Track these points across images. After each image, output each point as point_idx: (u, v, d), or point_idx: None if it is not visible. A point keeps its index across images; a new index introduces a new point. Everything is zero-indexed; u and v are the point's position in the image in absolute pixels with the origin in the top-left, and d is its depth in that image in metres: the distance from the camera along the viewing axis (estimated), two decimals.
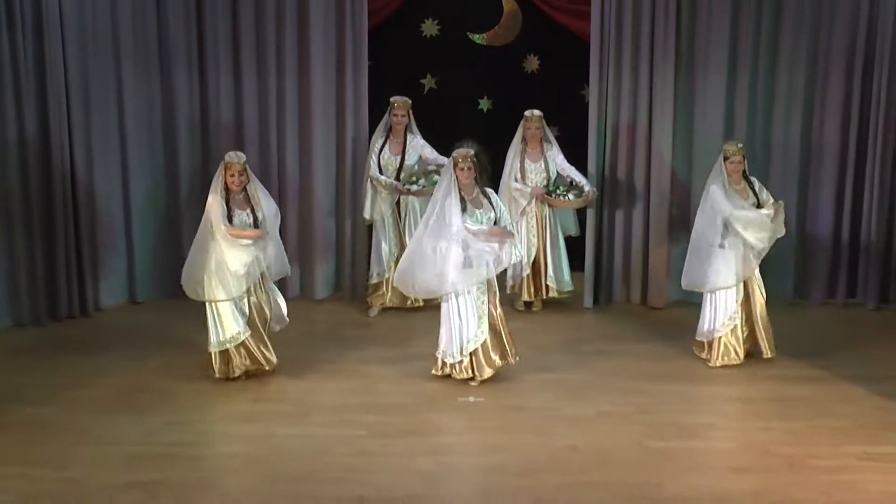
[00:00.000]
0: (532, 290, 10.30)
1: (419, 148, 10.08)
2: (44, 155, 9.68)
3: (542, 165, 10.12)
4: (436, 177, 9.83)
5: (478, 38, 11.34)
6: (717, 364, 8.87)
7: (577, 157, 10.38)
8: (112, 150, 10.23)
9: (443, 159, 9.94)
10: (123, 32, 10.08)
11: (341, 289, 10.75)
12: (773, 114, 10.41)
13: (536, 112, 10.10)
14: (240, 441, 7.66)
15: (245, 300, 8.32)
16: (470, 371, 8.41)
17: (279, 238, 8.59)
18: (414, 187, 9.95)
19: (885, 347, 9.49)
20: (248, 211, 8.23)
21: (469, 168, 8.17)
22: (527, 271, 10.16)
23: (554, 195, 10.09)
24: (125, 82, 10.18)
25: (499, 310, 8.41)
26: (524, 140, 10.17)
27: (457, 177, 8.19)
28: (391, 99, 10.04)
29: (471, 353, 8.36)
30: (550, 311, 10.42)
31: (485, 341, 8.34)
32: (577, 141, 10.53)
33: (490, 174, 10.15)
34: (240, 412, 8.05)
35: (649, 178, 10.42)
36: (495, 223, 8.27)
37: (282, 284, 10.58)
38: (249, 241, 8.16)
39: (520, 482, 7.08)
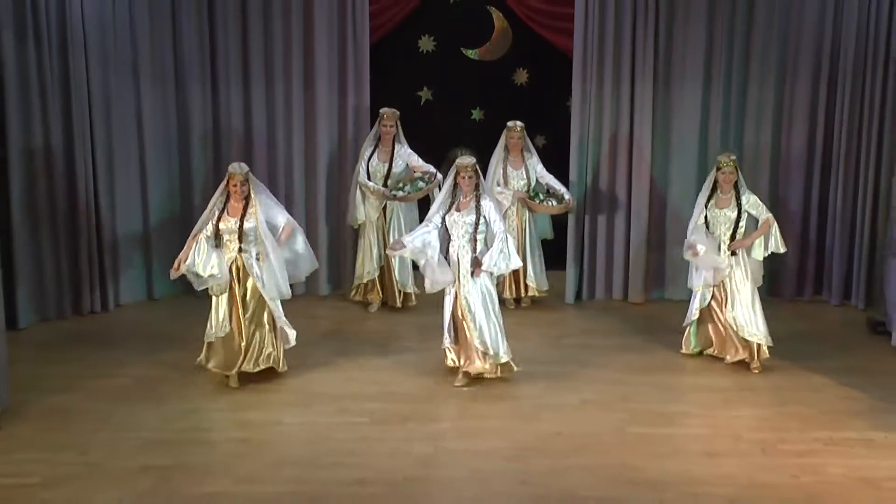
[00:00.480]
0: (514, 288, 10.27)
1: (406, 156, 10.02)
2: (68, 163, 9.70)
3: (524, 172, 10.09)
4: (421, 184, 9.88)
5: (471, 53, 11.34)
6: (682, 351, 8.96)
7: (562, 162, 10.39)
8: (131, 158, 10.23)
9: (427, 167, 9.95)
10: (142, 50, 10.08)
11: (342, 286, 10.72)
12: (745, 123, 10.40)
13: (519, 123, 10.07)
14: (249, 428, 7.66)
15: (222, 299, 8.14)
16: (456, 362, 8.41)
17: (304, 250, 8.42)
18: (400, 193, 9.89)
19: (846, 341, 9.51)
20: (237, 219, 8.05)
21: (470, 177, 8.12)
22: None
23: (536, 200, 10.06)
24: (143, 96, 10.17)
25: (467, 319, 8.23)
26: (506, 148, 10.12)
27: (457, 183, 8.16)
28: (381, 110, 9.97)
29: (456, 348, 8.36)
30: (534, 307, 10.40)
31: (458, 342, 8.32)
32: (563, 148, 10.53)
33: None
34: (248, 401, 8.05)
35: (630, 182, 10.43)
36: (475, 227, 8.12)
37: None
38: (232, 246, 8.09)
39: (509, 465, 7.09)
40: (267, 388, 8.23)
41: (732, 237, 8.58)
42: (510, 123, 10.09)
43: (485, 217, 8.14)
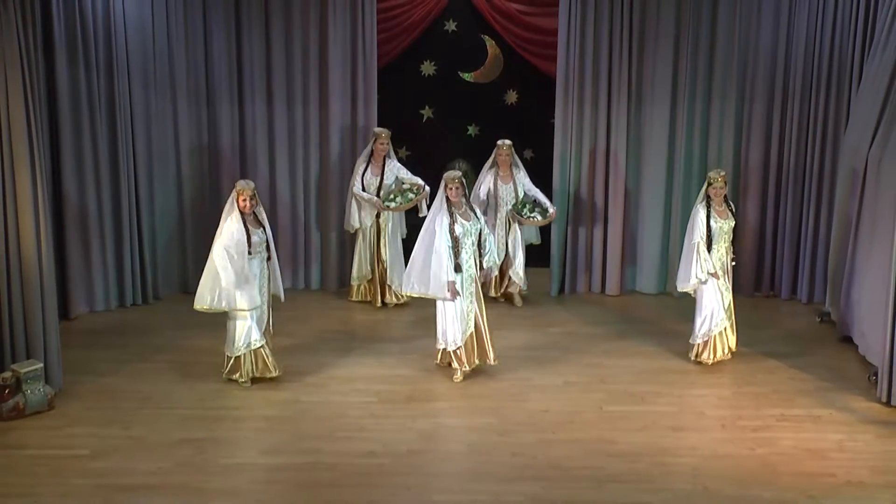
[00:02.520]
0: (499, 287, 10.11)
1: (396, 170, 9.87)
2: (113, 173, 9.69)
3: (512, 187, 9.84)
4: (410, 195, 9.73)
5: (467, 77, 11.31)
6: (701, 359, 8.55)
7: (547, 173, 10.38)
8: (169, 168, 10.21)
9: (416, 179, 9.86)
10: (178, 73, 10.04)
11: (350, 283, 10.54)
12: (709, 139, 10.37)
13: (507, 141, 9.87)
14: (272, 405, 7.68)
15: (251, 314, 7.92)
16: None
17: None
18: (392, 204, 9.76)
19: (794, 330, 9.51)
20: (262, 231, 7.91)
21: (457, 188, 8.03)
22: (495, 273, 9.83)
23: (524, 217, 9.82)
24: (179, 113, 10.14)
25: (483, 316, 8.19)
26: (496, 164, 9.91)
27: (447, 196, 8.09)
28: (375, 130, 9.91)
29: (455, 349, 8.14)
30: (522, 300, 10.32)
31: (467, 341, 8.12)
32: (548, 161, 10.52)
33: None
34: (271, 381, 8.05)
35: (607, 190, 10.41)
36: (480, 233, 8.13)
37: (305, 279, 10.63)
38: (262, 256, 7.93)
39: (501, 439, 7.12)
40: (287, 371, 8.23)
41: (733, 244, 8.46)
42: (499, 142, 9.89)
43: (481, 222, 8.18)
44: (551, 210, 9.87)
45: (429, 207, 8.73)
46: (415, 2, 10.66)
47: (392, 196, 9.81)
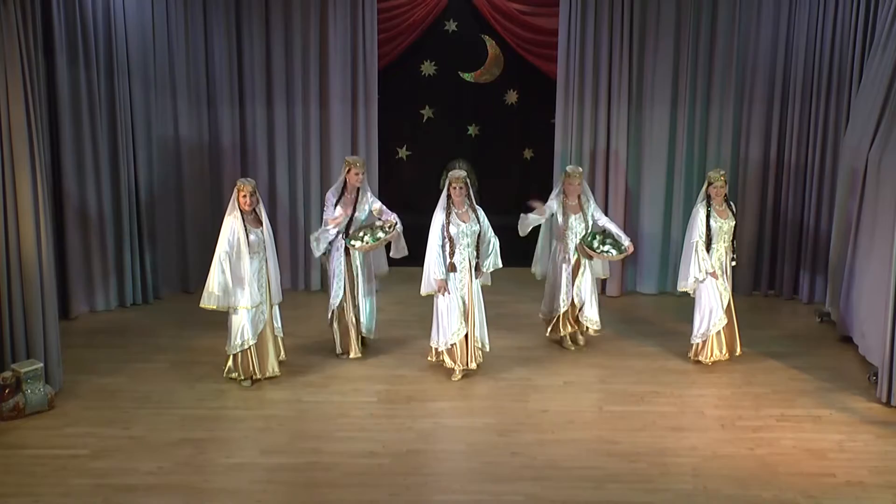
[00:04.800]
0: (569, 324, 8.89)
1: (370, 203, 8.59)
2: (114, 173, 9.69)
3: (581, 217, 8.72)
4: (380, 234, 8.42)
5: (467, 77, 11.31)
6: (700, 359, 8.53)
7: (547, 174, 10.38)
8: (169, 168, 10.20)
9: (390, 215, 8.55)
10: (179, 74, 10.04)
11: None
12: (708, 139, 10.37)
13: (579, 168, 8.86)
14: (273, 405, 7.68)
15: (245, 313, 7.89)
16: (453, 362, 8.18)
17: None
18: (358, 244, 8.40)
19: (794, 330, 9.50)
20: (261, 230, 7.89)
21: (461, 188, 8.04)
22: (563, 309, 8.79)
23: (595, 250, 8.65)
24: (180, 114, 10.14)
25: (469, 318, 8.12)
26: (563, 193, 8.75)
27: (450, 194, 8.09)
28: (348, 158, 8.57)
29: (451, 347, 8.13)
30: (523, 300, 10.20)
31: (461, 341, 8.10)
32: (548, 161, 10.53)
33: (478, 188, 10.15)
34: (272, 381, 8.05)
35: (607, 191, 10.40)
36: (479, 237, 8.11)
37: (305, 279, 10.63)
38: (262, 255, 7.91)
39: (501, 439, 7.12)
40: (288, 371, 8.23)
41: (732, 243, 8.43)
42: (569, 169, 8.79)
43: (481, 225, 8.13)
44: (626, 243, 8.68)
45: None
46: (415, 2, 10.66)
47: (361, 234, 8.48)
